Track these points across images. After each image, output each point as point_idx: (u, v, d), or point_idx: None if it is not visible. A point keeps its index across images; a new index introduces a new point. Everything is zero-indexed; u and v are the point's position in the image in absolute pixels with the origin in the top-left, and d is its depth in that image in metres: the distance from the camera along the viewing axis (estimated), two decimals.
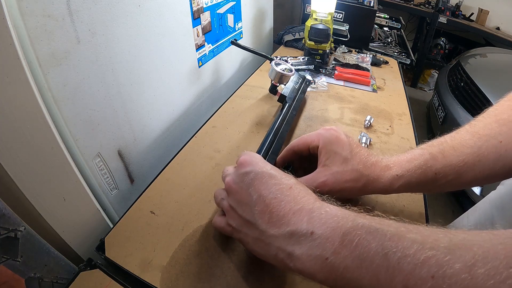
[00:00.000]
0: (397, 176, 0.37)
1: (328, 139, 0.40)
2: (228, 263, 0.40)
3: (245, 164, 0.33)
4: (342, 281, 0.23)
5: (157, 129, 0.64)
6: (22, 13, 0.33)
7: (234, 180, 0.33)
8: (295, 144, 0.44)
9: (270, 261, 0.30)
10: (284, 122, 0.60)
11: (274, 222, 0.28)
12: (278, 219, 0.28)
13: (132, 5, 0.49)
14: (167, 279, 0.38)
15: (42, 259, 0.36)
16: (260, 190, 0.30)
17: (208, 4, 0.73)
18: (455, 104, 1.59)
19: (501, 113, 0.38)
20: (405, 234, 0.22)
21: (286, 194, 0.29)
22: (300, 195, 0.29)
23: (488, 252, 0.19)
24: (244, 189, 0.32)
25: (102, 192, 0.50)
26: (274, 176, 0.31)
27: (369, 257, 0.22)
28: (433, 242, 0.21)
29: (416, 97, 2.71)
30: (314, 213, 0.27)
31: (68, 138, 0.42)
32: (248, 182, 0.31)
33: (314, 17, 0.95)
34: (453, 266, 0.19)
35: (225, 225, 0.35)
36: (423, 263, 0.20)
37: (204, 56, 0.77)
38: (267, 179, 0.31)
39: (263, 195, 0.30)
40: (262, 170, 0.32)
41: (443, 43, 2.79)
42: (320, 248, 0.24)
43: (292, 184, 0.30)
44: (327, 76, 0.94)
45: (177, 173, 0.54)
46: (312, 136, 0.42)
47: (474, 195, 1.36)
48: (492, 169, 0.35)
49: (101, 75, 0.46)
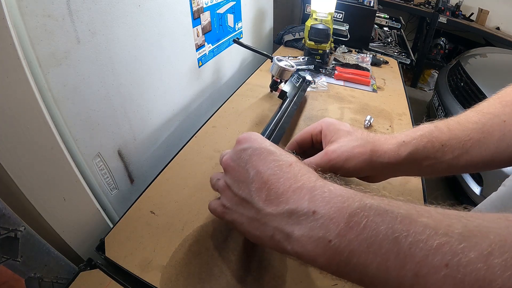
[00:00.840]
0: (404, 142, 0.36)
1: (330, 121, 0.41)
2: (228, 263, 0.40)
3: (242, 141, 0.31)
4: (346, 267, 0.21)
5: (157, 129, 0.64)
6: (22, 13, 0.33)
7: (232, 157, 0.31)
8: (298, 136, 0.43)
9: (266, 244, 0.27)
10: (285, 115, 0.60)
11: (272, 199, 0.26)
12: (276, 197, 0.26)
13: (132, 5, 0.49)
14: (167, 279, 0.38)
15: (42, 259, 0.36)
16: (257, 166, 0.28)
17: (208, 4, 0.73)
18: (455, 104, 1.59)
19: (504, 96, 0.38)
20: (416, 217, 0.20)
21: (285, 171, 0.27)
22: (301, 172, 0.27)
23: (505, 240, 0.17)
24: (242, 166, 0.30)
25: (102, 192, 0.50)
26: (273, 152, 0.29)
27: (378, 240, 0.20)
28: (447, 227, 0.19)
29: (416, 97, 2.71)
30: (317, 191, 0.24)
31: (68, 138, 0.42)
32: (246, 159, 0.29)
33: (314, 17, 0.95)
34: (468, 254, 0.17)
35: (218, 205, 0.33)
36: (436, 250, 0.18)
37: (204, 56, 0.77)
38: (266, 155, 0.29)
39: (261, 171, 0.27)
40: (260, 146, 0.30)
41: (443, 43, 2.79)
42: (323, 229, 0.22)
43: (293, 162, 0.28)
44: (327, 76, 0.94)
45: (177, 173, 0.54)
46: (313, 125, 0.42)
47: (474, 195, 1.36)
48: (498, 148, 0.34)
49: (101, 75, 0.46)
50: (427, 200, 0.52)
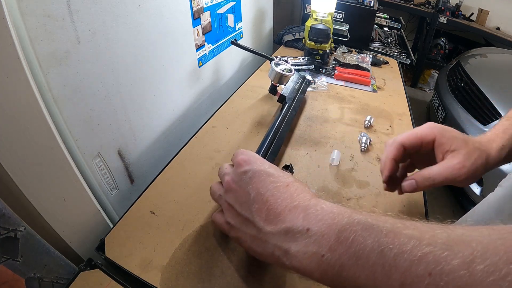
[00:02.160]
0: (502, 146, 0.39)
1: (443, 129, 0.39)
2: (228, 263, 0.40)
3: (243, 164, 0.34)
4: (338, 280, 0.23)
5: (157, 129, 0.64)
6: (22, 13, 0.33)
7: (233, 179, 0.34)
8: (404, 138, 0.41)
9: (268, 260, 0.29)
10: (283, 122, 0.60)
11: (271, 219, 0.28)
12: (274, 216, 0.28)
13: (132, 5, 0.49)
14: (167, 279, 0.38)
15: (42, 259, 0.36)
16: (258, 188, 0.30)
17: (208, 4, 0.73)
18: (455, 104, 1.59)
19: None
20: (401, 230, 0.22)
21: (282, 191, 0.29)
22: (297, 192, 0.29)
23: (487, 247, 0.18)
24: (243, 188, 0.32)
25: (102, 192, 0.50)
26: (272, 174, 0.31)
27: (365, 254, 0.22)
28: (431, 238, 0.20)
29: (416, 97, 2.71)
30: (310, 210, 0.26)
31: (68, 138, 0.42)
32: (246, 181, 0.32)
33: (314, 17, 0.95)
34: (451, 262, 0.18)
35: (223, 222, 0.35)
36: (420, 259, 0.19)
37: (204, 56, 0.77)
38: (265, 177, 0.31)
39: (261, 192, 0.30)
40: (260, 169, 0.32)
41: (443, 43, 2.79)
42: (316, 245, 0.24)
43: (289, 182, 0.30)
44: (327, 76, 0.94)
45: (177, 173, 0.54)
46: (423, 130, 0.40)
47: (474, 195, 1.35)
48: None
49: (101, 75, 0.46)
50: (427, 200, 0.52)
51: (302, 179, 0.52)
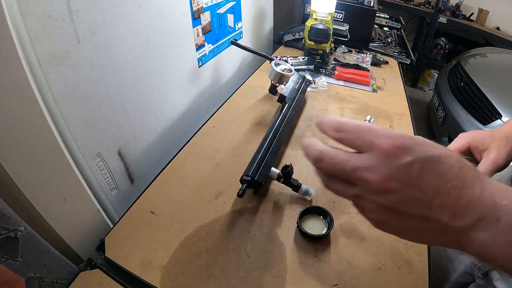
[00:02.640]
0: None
1: (470, 134, 0.48)
2: (228, 263, 0.40)
3: (399, 153, 0.26)
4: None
5: (157, 129, 0.64)
6: (22, 13, 0.33)
7: (392, 176, 0.26)
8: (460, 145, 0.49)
9: (441, 245, 0.28)
10: (283, 122, 0.60)
11: (457, 213, 0.26)
12: (461, 209, 0.26)
13: (132, 5, 0.49)
14: (167, 279, 0.38)
15: (42, 259, 0.36)
16: (432, 181, 0.26)
17: (208, 4, 0.73)
18: (455, 104, 1.59)
19: None
20: None
21: (461, 177, 0.26)
22: (470, 174, 0.27)
23: None
24: (413, 185, 0.26)
25: (102, 192, 0.50)
26: (439, 158, 0.26)
27: None
28: None
29: (416, 97, 2.70)
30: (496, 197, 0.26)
31: (68, 138, 0.42)
32: (415, 176, 0.26)
33: (314, 17, 0.95)
34: None
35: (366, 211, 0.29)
36: None
37: (204, 56, 0.77)
38: (438, 165, 0.26)
39: (440, 185, 0.26)
40: (425, 155, 0.26)
41: (443, 43, 2.79)
42: (506, 235, 0.24)
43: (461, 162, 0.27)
44: (327, 76, 0.94)
45: (177, 173, 0.54)
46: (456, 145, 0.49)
47: None
48: None
49: (101, 75, 0.46)
50: None
51: (302, 179, 0.52)
